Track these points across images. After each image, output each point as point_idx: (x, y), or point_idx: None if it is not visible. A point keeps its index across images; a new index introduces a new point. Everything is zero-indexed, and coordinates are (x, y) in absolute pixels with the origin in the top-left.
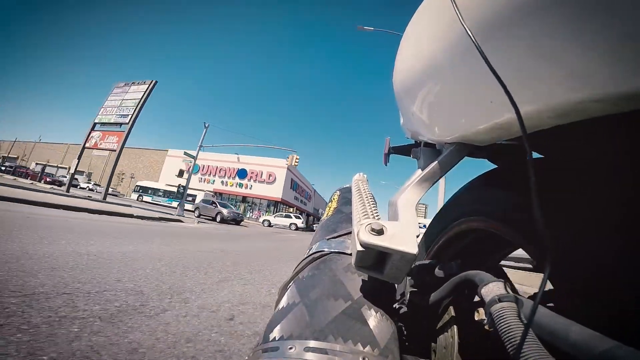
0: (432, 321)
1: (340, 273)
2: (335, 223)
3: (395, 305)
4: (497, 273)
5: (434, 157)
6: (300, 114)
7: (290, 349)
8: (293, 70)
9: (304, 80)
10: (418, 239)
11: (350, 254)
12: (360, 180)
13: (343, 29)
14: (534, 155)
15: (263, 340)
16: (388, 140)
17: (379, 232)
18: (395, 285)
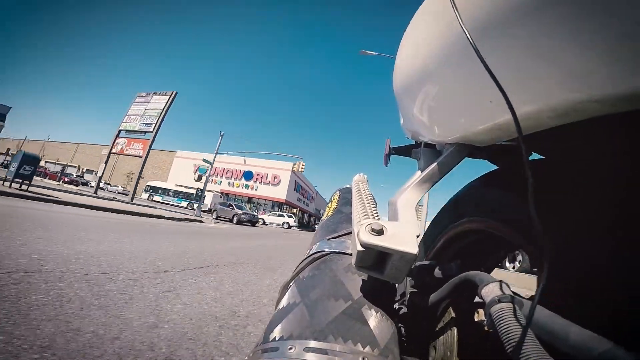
0: (432, 322)
1: (341, 273)
2: (336, 223)
3: (395, 306)
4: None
5: (434, 158)
6: (300, 114)
7: (290, 349)
8: (293, 70)
9: (304, 81)
10: (418, 239)
11: (351, 254)
12: (360, 181)
13: (343, 29)
14: (535, 155)
15: (263, 340)
16: (388, 141)
17: (379, 232)
18: (395, 285)
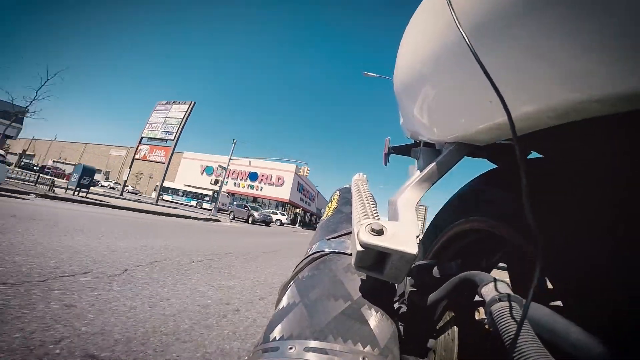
0: (432, 321)
1: (340, 273)
2: (335, 223)
3: (395, 305)
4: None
5: (434, 157)
6: (299, 114)
7: (290, 349)
8: (292, 70)
9: (303, 81)
10: (418, 239)
11: (350, 254)
12: (360, 181)
13: (343, 29)
14: (534, 155)
15: (263, 340)
16: (388, 140)
17: (379, 232)
18: (395, 285)
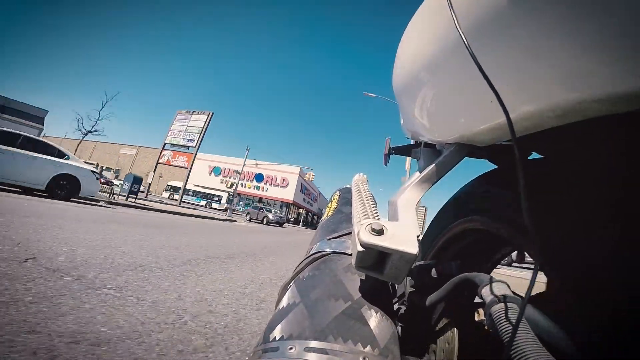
0: (433, 321)
1: (341, 273)
2: (336, 223)
3: (395, 306)
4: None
5: (434, 158)
6: (298, 114)
7: (291, 349)
8: (290, 71)
9: (302, 81)
10: (418, 239)
11: (351, 254)
12: (360, 181)
13: (342, 27)
14: (534, 155)
15: (263, 341)
16: (388, 140)
17: (379, 232)
18: (395, 285)
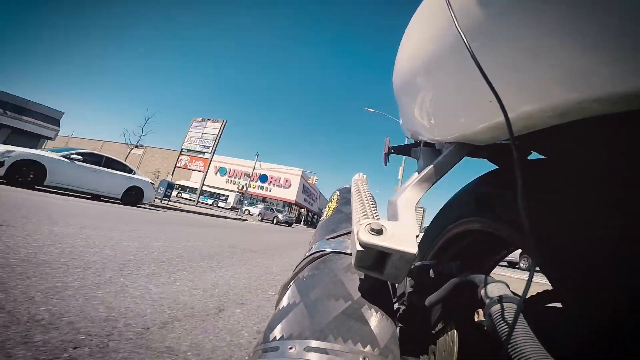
0: (432, 322)
1: (341, 273)
2: (335, 223)
3: (395, 306)
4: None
5: (434, 157)
6: (297, 114)
7: (291, 349)
8: (291, 70)
9: (303, 81)
10: (418, 239)
11: (350, 254)
12: (359, 181)
13: (341, 27)
14: (535, 155)
15: (263, 340)
16: (388, 140)
17: (379, 232)
18: (395, 285)
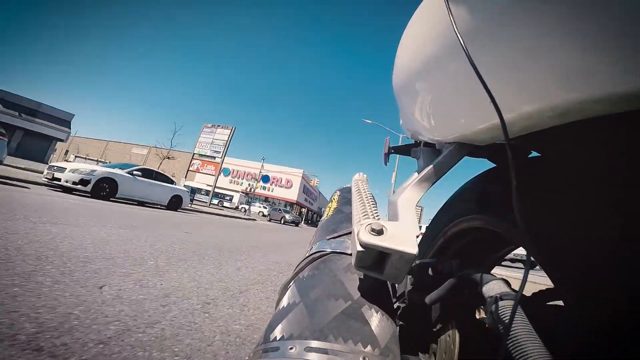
0: (433, 320)
1: (341, 273)
2: (336, 223)
3: (395, 305)
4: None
5: (434, 157)
6: (295, 115)
7: (291, 349)
8: (290, 70)
9: (302, 80)
10: (418, 239)
11: (350, 254)
12: (360, 180)
13: (340, 26)
14: (534, 155)
15: (264, 341)
16: (388, 140)
17: (379, 232)
18: (395, 285)
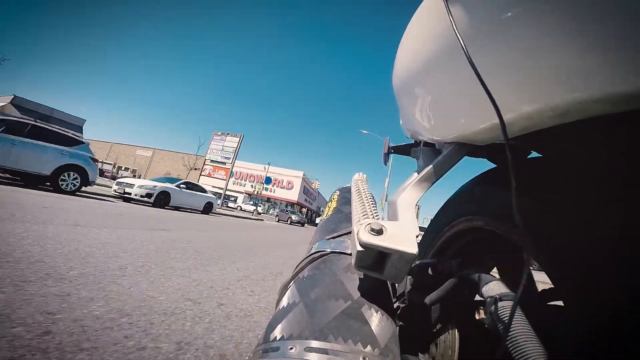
0: (433, 320)
1: (341, 273)
2: (335, 223)
3: (395, 305)
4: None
5: (434, 157)
6: (299, 113)
7: (291, 349)
8: (290, 70)
9: (302, 80)
10: (418, 239)
11: (350, 254)
12: (359, 180)
13: (340, 26)
14: (534, 154)
15: (264, 341)
16: (387, 140)
17: (379, 232)
18: (396, 284)
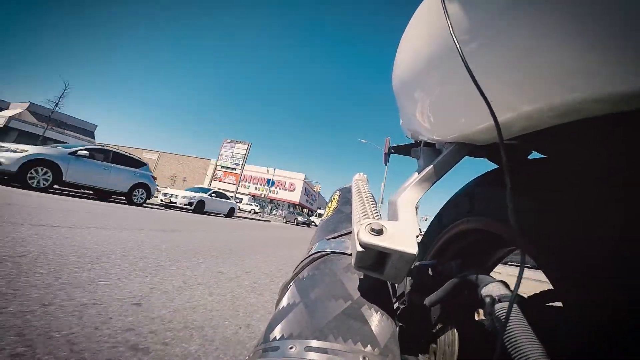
0: (433, 321)
1: (341, 273)
2: (335, 223)
3: (395, 305)
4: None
5: (434, 157)
6: (299, 113)
7: (291, 348)
8: (289, 70)
9: (302, 80)
10: (418, 239)
11: (350, 254)
12: (360, 180)
13: (339, 26)
14: (535, 154)
15: (264, 340)
16: (388, 140)
17: (379, 232)
18: (395, 285)
